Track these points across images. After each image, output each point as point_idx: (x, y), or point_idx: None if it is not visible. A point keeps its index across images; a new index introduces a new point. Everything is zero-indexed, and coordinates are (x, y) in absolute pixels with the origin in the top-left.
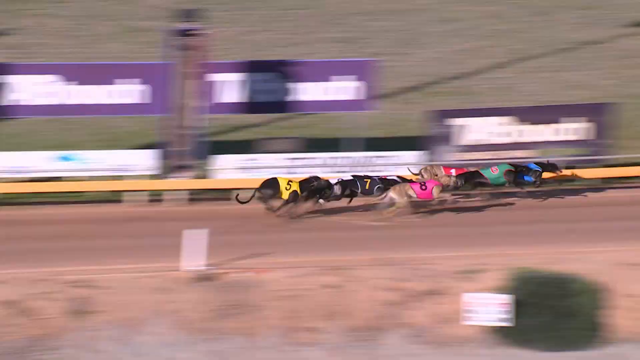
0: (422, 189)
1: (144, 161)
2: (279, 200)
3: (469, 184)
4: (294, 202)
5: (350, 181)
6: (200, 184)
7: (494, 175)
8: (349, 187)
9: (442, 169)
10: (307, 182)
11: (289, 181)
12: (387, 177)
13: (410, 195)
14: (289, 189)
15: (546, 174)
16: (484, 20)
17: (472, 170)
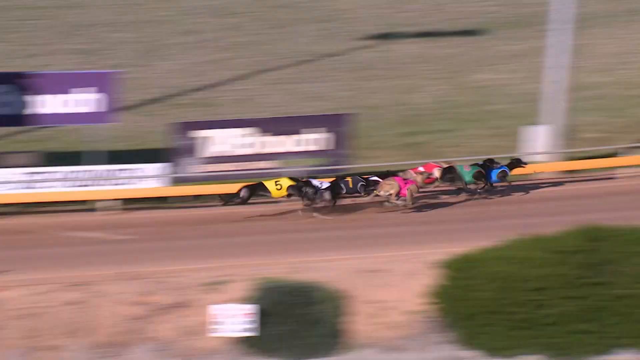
0: (405, 184)
1: None
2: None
3: (442, 179)
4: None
5: (334, 183)
6: None
7: (466, 172)
8: (335, 189)
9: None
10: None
11: (276, 181)
12: (367, 178)
13: (393, 193)
14: (280, 189)
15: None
16: (225, 32)
17: (447, 165)
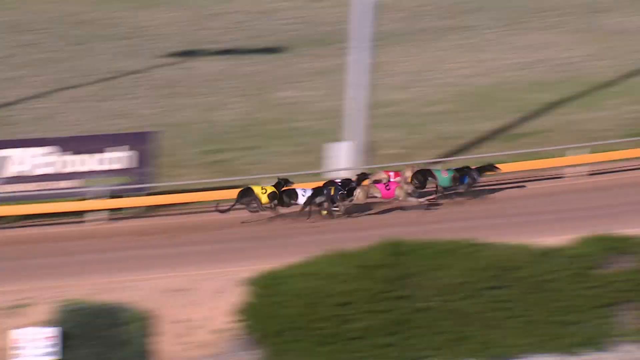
0: (387, 189)
1: None
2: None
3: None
4: (274, 203)
5: (317, 190)
6: None
7: (443, 177)
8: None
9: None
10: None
11: (263, 187)
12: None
13: (374, 194)
14: (265, 192)
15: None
16: (21, 49)
17: (425, 169)
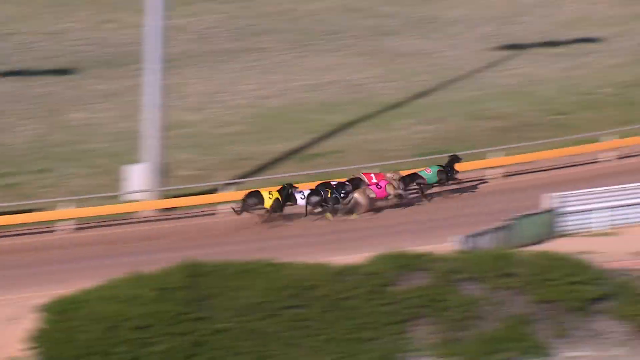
0: (378, 188)
1: None
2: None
3: (410, 185)
4: (275, 209)
5: (314, 191)
6: None
7: (429, 175)
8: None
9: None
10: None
11: (270, 191)
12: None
13: (370, 195)
14: (271, 198)
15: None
16: None
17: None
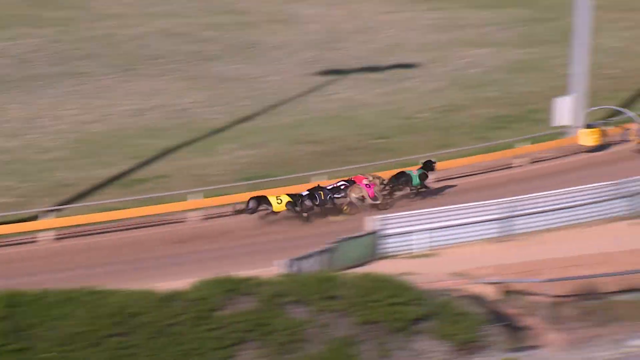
0: (368, 188)
1: None
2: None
3: (397, 185)
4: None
5: (309, 194)
6: None
7: (414, 175)
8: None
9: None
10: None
11: (278, 196)
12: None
13: (364, 195)
14: (280, 203)
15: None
16: None
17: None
